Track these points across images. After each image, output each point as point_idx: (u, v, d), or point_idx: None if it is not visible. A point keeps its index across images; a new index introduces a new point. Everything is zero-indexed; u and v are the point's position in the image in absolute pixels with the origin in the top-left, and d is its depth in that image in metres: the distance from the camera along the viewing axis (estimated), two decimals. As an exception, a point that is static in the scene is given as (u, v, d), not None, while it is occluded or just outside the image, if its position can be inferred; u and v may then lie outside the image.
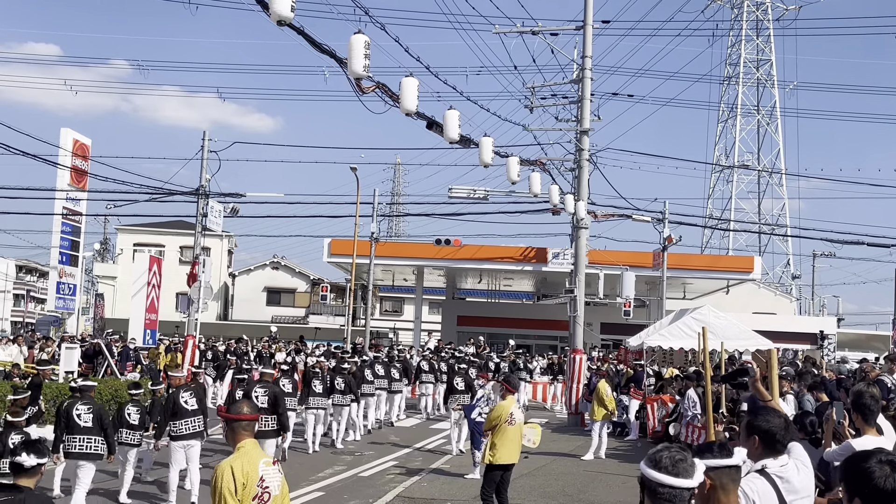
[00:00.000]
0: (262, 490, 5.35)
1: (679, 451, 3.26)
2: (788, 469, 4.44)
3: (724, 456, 3.61)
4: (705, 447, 3.70)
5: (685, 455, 3.24)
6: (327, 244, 36.68)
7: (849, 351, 38.76)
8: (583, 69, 24.03)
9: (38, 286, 72.83)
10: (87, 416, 10.75)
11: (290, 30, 11.91)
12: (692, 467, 3.21)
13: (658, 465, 3.18)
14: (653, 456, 3.24)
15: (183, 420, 11.60)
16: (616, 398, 21.50)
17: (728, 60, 66.35)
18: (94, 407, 10.96)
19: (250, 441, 5.56)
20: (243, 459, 5.40)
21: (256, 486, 5.33)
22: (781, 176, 63.95)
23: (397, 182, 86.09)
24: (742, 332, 22.34)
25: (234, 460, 5.40)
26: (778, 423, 4.52)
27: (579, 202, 23.58)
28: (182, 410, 11.61)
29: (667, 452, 3.23)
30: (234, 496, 5.25)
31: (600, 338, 39.54)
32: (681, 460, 3.20)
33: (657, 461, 3.20)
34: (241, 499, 5.27)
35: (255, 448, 5.56)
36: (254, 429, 5.66)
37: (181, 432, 11.58)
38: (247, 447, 5.50)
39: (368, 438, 18.89)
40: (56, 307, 24.41)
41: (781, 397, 9.59)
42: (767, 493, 4.28)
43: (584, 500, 12.57)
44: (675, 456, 3.21)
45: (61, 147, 23.20)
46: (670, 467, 3.17)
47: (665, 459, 3.19)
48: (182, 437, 11.59)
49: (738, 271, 38.21)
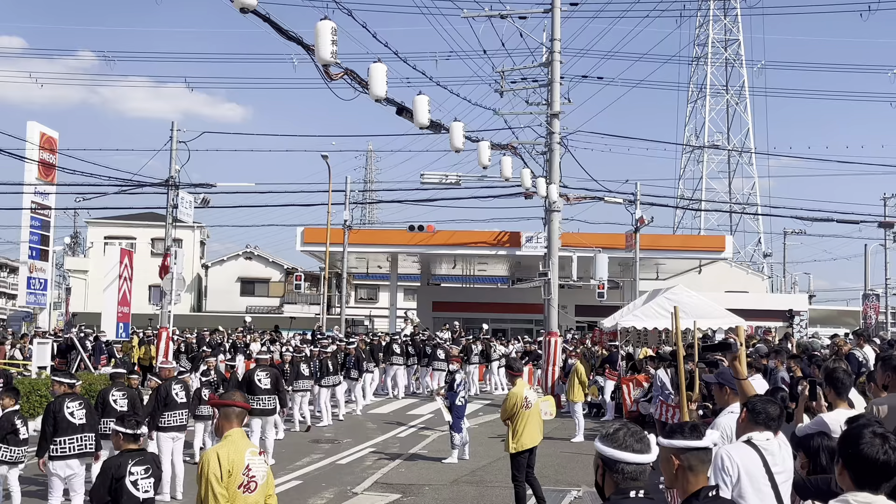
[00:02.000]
0: (248, 479, 5.41)
1: (635, 426, 3.29)
2: (772, 444, 4.54)
3: (695, 437, 3.65)
4: (676, 427, 3.73)
5: (638, 429, 3.28)
6: (300, 233, 36.52)
7: (820, 327, 39.26)
8: (552, 52, 24.03)
9: (8, 282, 72.07)
10: (123, 401, 11.36)
11: (256, 17, 11.83)
12: (650, 441, 3.25)
13: (619, 444, 3.21)
14: (610, 436, 3.25)
15: (172, 412, 11.76)
16: (592, 379, 21.67)
17: (696, 41, 66.76)
18: (128, 393, 11.63)
19: (237, 430, 5.61)
20: (230, 448, 5.45)
21: (242, 474, 5.39)
22: (751, 155, 64.49)
23: (369, 169, 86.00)
24: (715, 311, 22.51)
25: (221, 448, 5.45)
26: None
27: (551, 185, 23.63)
28: (173, 402, 11.78)
29: (624, 430, 3.26)
30: (219, 482, 5.30)
31: (575, 320, 39.69)
32: (642, 437, 3.23)
33: (616, 440, 3.22)
34: (227, 486, 5.32)
35: (241, 437, 5.61)
36: (242, 418, 5.73)
37: (171, 424, 11.72)
38: (234, 436, 5.55)
39: (345, 425, 18.91)
40: (27, 302, 24.19)
41: (751, 374, 9.70)
42: (753, 459, 4.36)
43: (562, 481, 12.65)
44: (636, 433, 3.24)
45: (28, 141, 22.95)
46: (635, 445, 3.20)
47: (627, 438, 3.22)
48: (171, 428, 11.73)
49: (709, 251, 38.46)
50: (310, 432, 17.69)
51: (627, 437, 3.21)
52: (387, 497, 11.78)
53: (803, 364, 12.37)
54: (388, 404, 22.96)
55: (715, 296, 29.07)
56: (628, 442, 3.20)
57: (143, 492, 6.54)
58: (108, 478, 6.51)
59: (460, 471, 13.65)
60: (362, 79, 14.16)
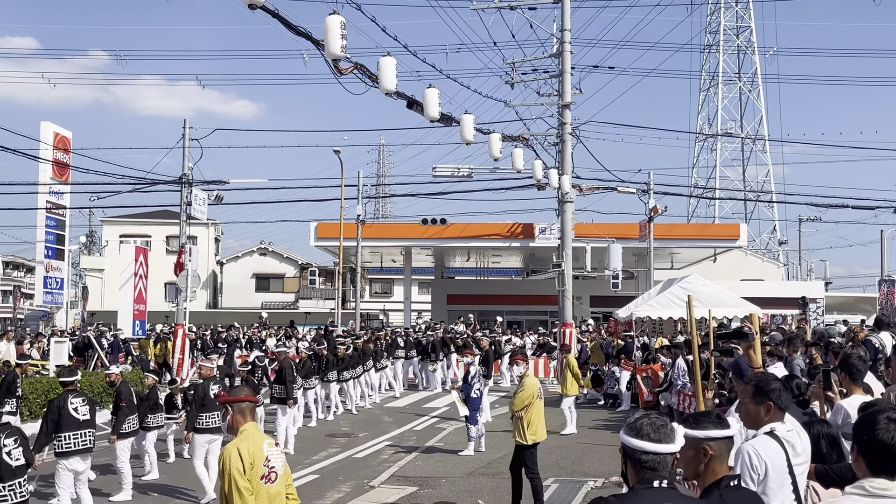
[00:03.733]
0: (269, 469, 5.54)
1: (658, 417, 3.29)
2: (793, 434, 4.51)
3: (723, 427, 3.68)
4: (703, 417, 3.74)
5: (665, 421, 3.28)
6: (314, 228, 36.58)
7: (837, 314, 39.04)
8: (562, 43, 23.97)
9: (25, 281, 72.48)
10: (84, 408, 10.80)
11: (265, 13, 11.84)
12: (673, 432, 3.25)
13: (640, 434, 3.22)
14: (633, 425, 3.28)
15: (210, 413, 11.55)
16: (608, 369, 21.66)
17: (708, 28, 66.33)
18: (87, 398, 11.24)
19: (252, 424, 5.73)
20: (248, 441, 5.55)
21: (263, 465, 5.51)
22: (765, 142, 64.13)
23: (382, 163, 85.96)
24: (730, 300, 22.49)
25: (240, 443, 5.54)
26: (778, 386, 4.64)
27: (563, 176, 23.58)
28: (210, 403, 11.52)
29: (647, 420, 3.27)
30: (243, 476, 5.41)
31: (590, 311, 39.66)
32: (661, 426, 3.24)
33: (638, 429, 3.24)
34: (250, 478, 5.40)
35: (256, 430, 5.74)
36: (254, 411, 5.82)
37: (207, 425, 11.54)
38: (249, 430, 5.65)
39: (361, 419, 18.96)
40: (44, 302, 24.32)
41: (770, 362, 9.67)
42: (778, 454, 4.34)
43: (578, 472, 12.65)
44: (655, 423, 3.24)
45: (42, 141, 23.05)
46: (652, 434, 3.21)
47: (646, 427, 3.23)
48: (207, 430, 11.55)
49: (724, 239, 38.34)
50: (326, 427, 17.72)
51: (647, 427, 3.23)
52: (404, 490, 11.81)
53: (821, 351, 12.31)
54: (404, 398, 23.01)
55: (730, 284, 29.00)
56: (647, 431, 3.22)
57: (14, 460, 7.51)
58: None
59: (477, 463, 13.67)
60: (372, 73, 14.16)
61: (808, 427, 5.62)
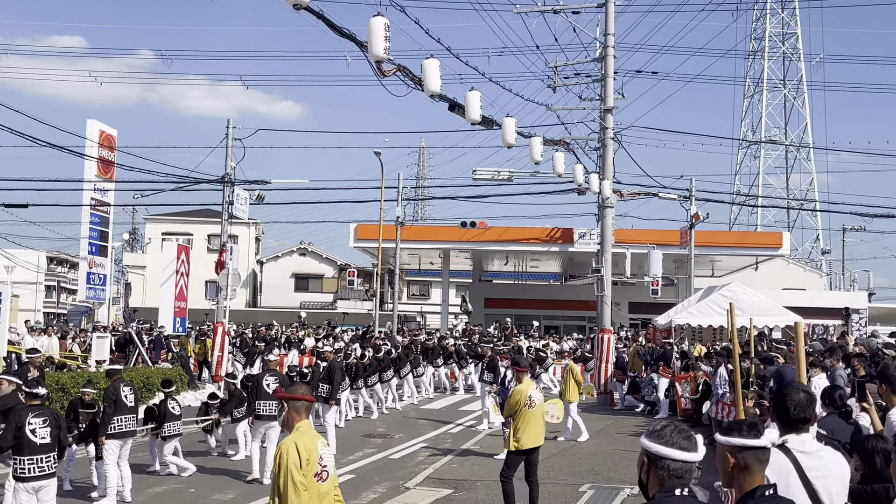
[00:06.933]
0: (322, 468, 5.62)
1: (681, 424, 3.26)
2: (812, 446, 4.25)
3: (753, 436, 3.53)
4: (734, 425, 3.64)
5: (686, 427, 3.24)
6: (353, 229, 36.74)
7: (880, 325, 38.41)
8: (605, 47, 23.83)
9: (68, 277, 73.58)
10: (132, 395, 12.13)
11: (310, 14, 11.90)
12: (697, 440, 3.21)
13: (667, 442, 3.17)
14: (658, 433, 3.22)
15: (265, 402, 12.71)
16: (647, 377, 21.52)
17: (753, 35, 65.67)
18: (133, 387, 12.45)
19: (307, 422, 5.81)
20: (305, 438, 5.63)
21: (318, 463, 5.55)
22: (809, 150, 63.37)
23: (422, 165, 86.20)
24: (771, 309, 22.21)
25: (298, 438, 5.62)
26: (799, 398, 4.30)
27: (604, 181, 23.45)
28: (264, 393, 12.72)
29: (671, 427, 3.23)
30: (299, 470, 5.47)
31: (628, 317, 39.41)
32: (689, 435, 3.20)
33: (663, 436, 3.19)
34: (305, 474, 5.44)
35: (311, 428, 5.81)
36: (309, 410, 5.91)
37: (264, 412, 12.72)
38: (305, 427, 5.74)
39: (397, 421, 19.00)
40: (87, 297, 24.70)
41: (813, 372, 9.55)
42: (784, 466, 4.13)
43: (614, 479, 12.56)
44: (679, 430, 3.20)
45: (88, 138, 23.41)
46: (681, 442, 3.17)
47: (674, 435, 3.18)
48: (265, 417, 12.72)
49: (766, 247, 37.92)
50: (363, 427, 17.78)
51: (674, 435, 3.18)
52: (439, 492, 11.79)
53: (865, 363, 12.12)
54: (439, 400, 23.02)
55: (771, 293, 28.66)
56: (675, 439, 3.17)
57: (40, 439, 8.23)
58: (13, 426, 8.18)
59: (512, 467, 13.61)
60: (415, 75, 14.17)
61: (864, 441, 5.40)
